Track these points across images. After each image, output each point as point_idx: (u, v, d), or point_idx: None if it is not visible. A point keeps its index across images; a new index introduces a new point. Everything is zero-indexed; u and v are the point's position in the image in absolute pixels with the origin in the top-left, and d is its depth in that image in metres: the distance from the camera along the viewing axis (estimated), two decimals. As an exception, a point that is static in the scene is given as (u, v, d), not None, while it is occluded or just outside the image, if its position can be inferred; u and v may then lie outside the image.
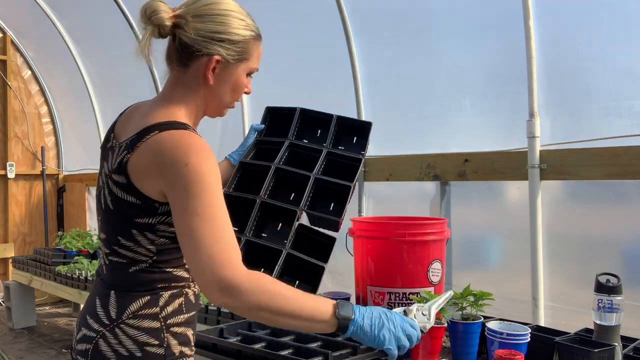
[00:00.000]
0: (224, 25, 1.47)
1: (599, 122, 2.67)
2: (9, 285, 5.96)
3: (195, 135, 1.42)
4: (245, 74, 1.54)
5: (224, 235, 1.32)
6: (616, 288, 1.72)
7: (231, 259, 1.29)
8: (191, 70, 1.49)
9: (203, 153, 1.37)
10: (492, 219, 3.18)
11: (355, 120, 2.04)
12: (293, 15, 4.12)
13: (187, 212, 1.32)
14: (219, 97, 1.54)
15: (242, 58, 1.51)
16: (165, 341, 1.45)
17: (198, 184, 1.33)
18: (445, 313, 1.83)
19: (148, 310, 1.44)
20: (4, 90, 6.77)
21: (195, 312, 1.55)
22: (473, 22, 3.16)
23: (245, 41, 1.50)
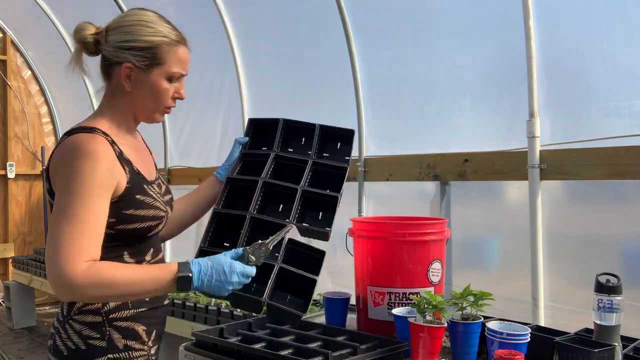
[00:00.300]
0: (132, 34, 1.58)
1: (599, 122, 2.67)
2: (9, 285, 5.96)
3: (93, 139, 1.50)
4: (165, 79, 1.61)
5: (80, 235, 1.40)
6: (616, 288, 1.72)
7: (73, 257, 1.38)
8: (114, 81, 1.61)
9: (90, 156, 1.46)
10: (492, 219, 3.18)
11: (338, 128, 2.07)
12: (293, 15, 4.12)
13: (57, 208, 1.45)
14: (139, 103, 1.62)
15: (154, 64, 1.59)
16: (106, 335, 1.55)
17: (75, 184, 1.43)
18: (445, 313, 1.83)
19: (91, 307, 1.56)
20: (4, 90, 6.77)
21: (147, 309, 1.63)
22: (473, 22, 3.16)
23: (154, 47, 1.58)
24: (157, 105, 1.63)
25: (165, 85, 1.61)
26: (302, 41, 4.16)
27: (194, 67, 5.75)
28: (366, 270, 2.22)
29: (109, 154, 1.50)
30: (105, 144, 1.51)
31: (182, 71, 1.63)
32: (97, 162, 1.45)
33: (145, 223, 1.58)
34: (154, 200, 1.61)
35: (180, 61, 1.63)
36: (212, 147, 4.99)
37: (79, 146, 1.47)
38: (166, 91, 1.62)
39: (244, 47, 4.54)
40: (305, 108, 4.20)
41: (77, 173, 1.44)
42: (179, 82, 1.65)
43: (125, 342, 1.57)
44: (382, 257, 2.18)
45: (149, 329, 1.64)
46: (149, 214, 1.58)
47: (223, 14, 4.50)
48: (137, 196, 1.56)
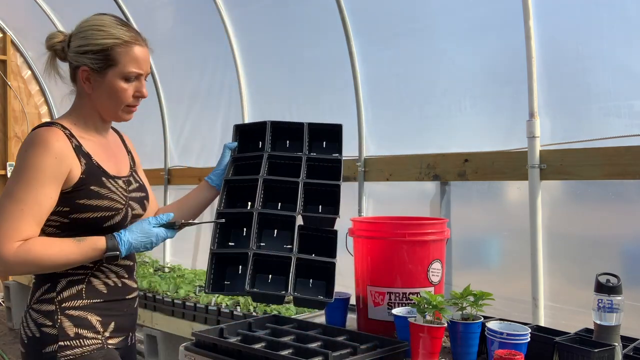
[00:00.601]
0: (86, 39, 1.66)
1: (599, 122, 2.67)
2: (9, 285, 5.96)
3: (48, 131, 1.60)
4: (121, 79, 1.67)
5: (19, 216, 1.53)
6: (616, 288, 1.72)
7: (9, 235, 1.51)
8: (78, 83, 1.71)
9: (41, 145, 1.57)
10: (492, 219, 3.18)
11: (326, 124, 2.09)
12: (293, 15, 4.13)
13: (5, 189, 1.57)
14: (100, 103, 1.71)
15: (109, 65, 1.66)
16: (58, 322, 1.62)
17: (23, 170, 1.55)
18: (445, 313, 1.83)
19: (47, 295, 1.64)
20: (4, 90, 6.77)
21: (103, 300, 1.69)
22: (473, 22, 3.16)
23: (106, 49, 1.65)
24: (117, 105, 1.70)
25: (122, 85, 1.67)
26: (302, 41, 4.16)
27: (194, 67, 5.79)
28: (366, 270, 2.22)
29: (61, 146, 1.59)
30: (60, 135, 1.61)
31: (138, 70, 1.68)
32: (47, 152, 1.56)
33: (98, 213, 1.64)
34: (109, 192, 1.68)
35: (136, 60, 1.68)
36: (212, 147, 4.99)
37: (34, 137, 1.60)
38: (124, 91, 1.68)
39: (244, 47, 4.54)
40: (305, 108, 4.20)
41: (26, 160, 1.56)
42: (139, 81, 1.70)
43: (76, 331, 1.63)
44: (382, 257, 2.18)
45: (104, 320, 1.69)
46: (102, 204, 1.65)
47: (223, 14, 4.50)
48: (91, 187, 1.63)
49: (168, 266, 5.21)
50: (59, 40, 1.71)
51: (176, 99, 5.37)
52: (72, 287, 1.65)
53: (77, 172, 1.61)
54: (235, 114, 4.70)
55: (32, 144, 1.58)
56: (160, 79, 5.41)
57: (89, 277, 1.68)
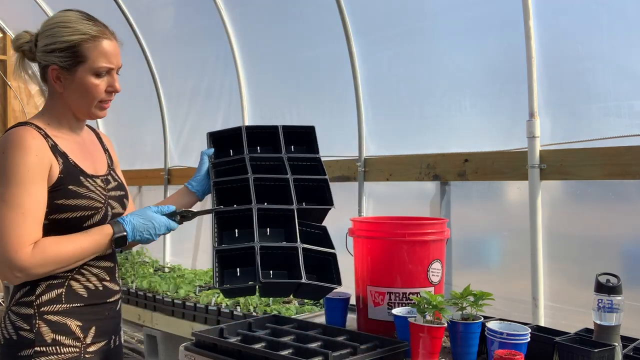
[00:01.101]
0: (51, 37, 1.63)
1: (599, 122, 2.67)
2: (9, 285, 5.96)
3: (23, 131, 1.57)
4: (92, 75, 1.63)
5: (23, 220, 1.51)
6: (616, 288, 1.72)
7: (20, 242, 1.49)
8: (49, 83, 1.68)
9: (20, 145, 1.54)
10: (492, 219, 3.18)
11: (299, 126, 2.14)
12: (293, 15, 4.13)
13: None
14: (73, 101, 1.67)
15: (77, 62, 1.62)
16: (35, 327, 1.58)
17: (10, 173, 1.51)
18: (445, 313, 1.83)
19: (25, 299, 1.61)
20: (4, 90, 6.77)
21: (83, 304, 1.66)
22: (473, 22, 3.16)
23: (73, 45, 1.61)
24: (90, 102, 1.66)
25: (93, 81, 1.64)
26: (303, 41, 4.16)
27: (194, 67, 5.79)
28: (366, 270, 2.22)
29: (39, 144, 1.57)
30: (36, 135, 1.58)
31: (108, 64, 1.65)
32: (26, 151, 1.53)
33: (77, 212, 1.62)
34: (88, 191, 1.65)
35: (105, 55, 1.64)
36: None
37: (9, 138, 1.56)
38: (95, 87, 1.64)
39: (244, 47, 4.54)
40: (305, 108, 4.20)
41: (10, 162, 1.52)
42: (111, 76, 1.67)
43: (54, 337, 1.59)
44: (382, 257, 2.18)
45: (85, 325, 1.65)
46: (81, 203, 1.62)
47: (223, 14, 4.50)
48: (69, 186, 1.61)
49: (168, 266, 5.21)
50: (26, 40, 1.67)
51: (176, 99, 5.37)
52: (52, 290, 1.62)
53: (55, 172, 1.59)
54: (235, 114, 4.70)
55: (10, 145, 1.55)
56: (160, 79, 5.41)
57: (68, 280, 1.65)
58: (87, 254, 1.61)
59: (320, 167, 2.03)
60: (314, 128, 2.12)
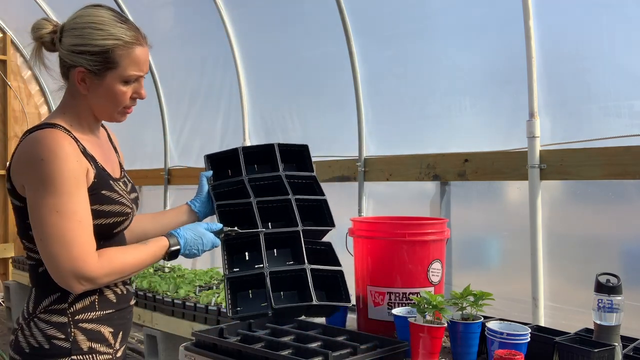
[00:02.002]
0: (82, 37, 1.53)
1: (599, 122, 2.67)
2: (9, 285, 5.96)
3: (56, 133, 1.49)
4: (120, 82, 1.57)
5: (82, 229, 1.46)
6: (616, 288, 1.72)
7: (86, 251, 1.46)
8: (71, 82, 1.59)
9: (59, 152, 1.45)
10: (492, 219, 3.18)
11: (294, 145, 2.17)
12: (293, 15, 4.13)
13: (46, 208, 1.44)
14: (97, 105, 1.60)
15: (108, 67, 1.54)
16: (71, 336, 1.53)
17: (56, 182, 1.44)
18: (445, 313, 1.83)
19: (57, 306, 1.54)
20: (4, 90, 6.77)
21: (114, 310, 1.63)
22: (473, 22, 3.16)
23: (106, 51, 1.53)
24: (115, 108, 1.61)
25: (121, 89, 1.57)
26: (302, 41, 4.16)
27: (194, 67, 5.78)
28: (366, 270, 2.22)
29: (75, 148, 1.50)
30: (69, 139, 1.50)
31: (139, 72, 1.58)
32: (67, 157, 1.46)
33: (111, 219, 1.57)
34: (119, 197, 1.60)
35: (137, 63, 1.57)
36: (212, 147, 4.98)
37: (44, 143, 1.46)
38: (123, 94, 1.58)
39: (244, 47, 4.54)
40: (305, 108, 4.20)
41: (53, 170, 1.44)
42: (138, 82, 1.60)
43: (90, 345, 1.55)
44: (382, 257, 2.18)
45: (115, 330, 1.62)
46: (114, 209, 1.57)
47: (223, 14, 4.50)
48: (102, 192, 1.55)
49: (168, 266, 5.21)
50: (48, 31, 1.57)
51: (176, 98, 5.37)
52: (85, 297, 1.56)
53: (90, 176, 1.53)
54: (235, 113, 4.71)
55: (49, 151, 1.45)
56: (160, 79, 5.41)
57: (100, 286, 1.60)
58: (146, 265, 1.61)
59: (316, 186, 2.07)
60: (308, 147, 2.16)
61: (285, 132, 4.32)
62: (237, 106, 4.64)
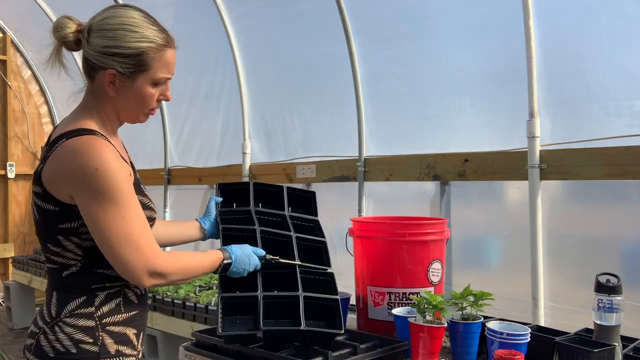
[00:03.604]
0: (115, 39, 1.51)
1: (599, 122, 2.67)
2: (9, 285, 5.96)
3: (100, 140, 1.49)
4: (150, 85, 1.56)
5: (147, 231, 1.51)
6: (616, 288, 1.72)
7: (156, 249, 1.50)
8: (97, 83, 1.57)
9: (110, 160, 1.46)
10: (492, 219, 3.18)
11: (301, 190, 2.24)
12: (293, 15, 4.12)
13: (111, 216, 1.45)
14: (124, 108, 1.59)
15: (140, 70, 1.53)
16: (99, 339, 1.52)
17: (116, 189, 1.45)
18: (445, 313, 1.83)
19: (83, 310, 1.53)
20: (4, 90, 6.77)
21: (137, 311, 1.62)
22: (473, 22, 3.16)
23: (140, 53, 1.52)
24: (142, 110, 1.61)
25: (150, 91, 1.57)
26: (302, 41, 4.16)
27: (194, 67, 5.77)
28: (366, 270, 2.22)
29: (116, 154, 1.50)
30: (110, 145, 1.50)
31: (168, 75, 1.58)
32: (116, 164, 1.47)
33: None
34: (149, 201, 1.63)
35: (167, 65, 1.57)
36: (212, 147, 4.99)
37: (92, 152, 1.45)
38: (151, 96, 1.58)
39: (244, 47, 4.54)
40: (305, 108, 4.20)
41: (109, 179, 1.44)
42: (165, 85, 1.60)
43: (117, 348, 1.55)
44: (382, 257, 2.18)
45: (138, 331, 1.62)
46: (148, 215, 1.57)
47: (223, 14, 4.50)
48: (138, 196, 1.55)
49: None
50: (72, 30, 1.54)
51: (176, 99, 5.34)
52: (111, 300, 1.55)
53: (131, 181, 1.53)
54: (235, 113, 4.70)
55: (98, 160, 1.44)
56: (160, 79, 5.40)
57: (123, 288, 1.58)
58: (204, 271, 1.66)
59: (318, 229, 2.11)
60: (315, 193, 2.22)
61: (285, 132, 4.32)
62: (237, 106, 4.64)
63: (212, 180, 4.92)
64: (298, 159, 4.15)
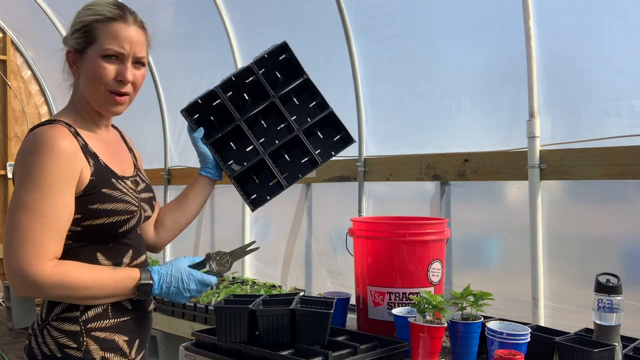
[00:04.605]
0: (74, 19, 1.58)
1: (599, 122, 2.67)
2: (8, 285, 5.96)
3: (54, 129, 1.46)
4: (100, 57, 1.52)
5: (42, 232, 1.39)
6: (616, 288, 1.72)
7: (37, 256, 1.38)
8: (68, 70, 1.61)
9: (50, 147, 1.42)
10: (492, 219, 3.18)
11: (270, 51, 2.09)
12: (293, 15, 4.12)
13: (16, 201, 1.41)
14: (86, 90, 1.57)
15: (88, 42, 1.53)
16: (84, 345, 1.49)
17: (34, 177, 1.40)
18: (445, 313, 1.83)
19: (69, 314, 1.50)
20: (4, 90, 6.77)
21: (129, 317, 1.57)
22: (473, 22, 3.16)
23: (87, 25, 1.54)
24: (98, 86, 1.53)
25: (101, 64, 1.52)
26: (302, 41, 4.15)
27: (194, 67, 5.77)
28: (366, 270, 2.22)
29: (70, 144, 1.46)
30: (67, 134, 1.47)
31: (118, 49, 1.52)
32: (56, 153, 1.42)
33: (113, 217, 1.51)
34: (122, 194, 1.55)
35: (115, 37, 1.52)
36: (212, 147, 4.99)
37: (38, 138, 1.44)
38: (103, 69, 1.51)
39: (244, 47, 4.54)
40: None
41: (35, 165, 1.40)
42: (122, 63, 1.54)
43: (102, 354, 1.50)
44: (382, 257, 2.18)
45: (131, 338, 1.57)
46: (117, 207, 1.52)
47: (223, 14, 4.50)
48: (103, 190, 1.51)
49: (168, 266, 5.20)
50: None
51: (176, 99, 5.37)
52: (98, 305, 1.52)
53: (87, 174, 1.48)
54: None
55: (39, 146, 1.42)
56: (160, 79, 5.41)
57: None
58: (106, 292, 1.49)
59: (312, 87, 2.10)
60: (287, 43, 2.09)
61: (285, 132, 4.32)
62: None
63: (212, 180, 4.91)
64: (298, 159, 4.15)
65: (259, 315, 1.80)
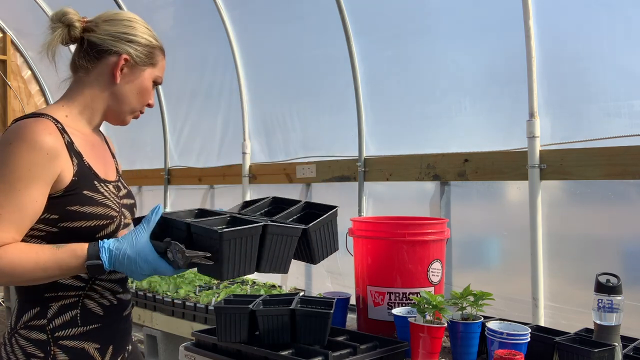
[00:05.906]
0: (133, 28, 1.59)
1: (599, 122, 2.67)
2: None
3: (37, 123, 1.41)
4: (152, 81, 1.63)
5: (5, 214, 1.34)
6: (616, 288, 1.72)
7: None
8: (96, 72, 1.55)
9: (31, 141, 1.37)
10: (492, 219, 3.18)
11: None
12: (293, 15, 4.13)
13: None
14: (123, 97, 1.58)
15: (150, 62, 1.62)
16: (51, 354, 1.44)
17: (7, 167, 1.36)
18: (445, 313, 1.83)
19: (36, 322, 1.46)
20: (4, 90, 6.77)
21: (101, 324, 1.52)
22: (473, 22, 3.16)
23: (153, 46, 1.62)
24: (138, 104, 1.63)
25: (150, 87, 1.63)
26: (303, 41, 4.16)
27: (194, 67, 5.77)
28: (366, 270, 2.22)
29: (54, 141, 1.41)
30: (52, 129, 1.42)
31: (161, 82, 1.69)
32: (34, 148, 1.37)
33: (92, 221, 1.46)
34: (104, 198, 1.50)
35: (163, 69, 1.68)
36: (212, 147, 4.99)
37: (18, 130, 1.39)
38: (150, 93, 1.64)
39: (244, 47, 4.54)
40: (305, 108, 4.20)
41: (10, 156, 1.36)
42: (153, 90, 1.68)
43: None
44: (382, 257, 2.18)
45: (103, 346, 1.52)
46: (96, 211, 1.46)
47: (223, 14, 4.50)
48: (84, 192, 1.46)
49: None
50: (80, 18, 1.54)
51: (176, 99, 5.37)
52: (65, 312, 1.47)
53: (68, 174, 1.43)
54: (235, 114, 4.70)
55: (17, 137, 1.37)
56: (160, 79, 5.41)
57: (82, 299, 1.49)
58: (50, 274, 1.39)
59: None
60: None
61: (285, 132, 4.32)
62: (237, 106, 4.64)
63: (212, 180, 4.92)
64: (298, 159, 4.15)
65: (259, 315, 1.80)
